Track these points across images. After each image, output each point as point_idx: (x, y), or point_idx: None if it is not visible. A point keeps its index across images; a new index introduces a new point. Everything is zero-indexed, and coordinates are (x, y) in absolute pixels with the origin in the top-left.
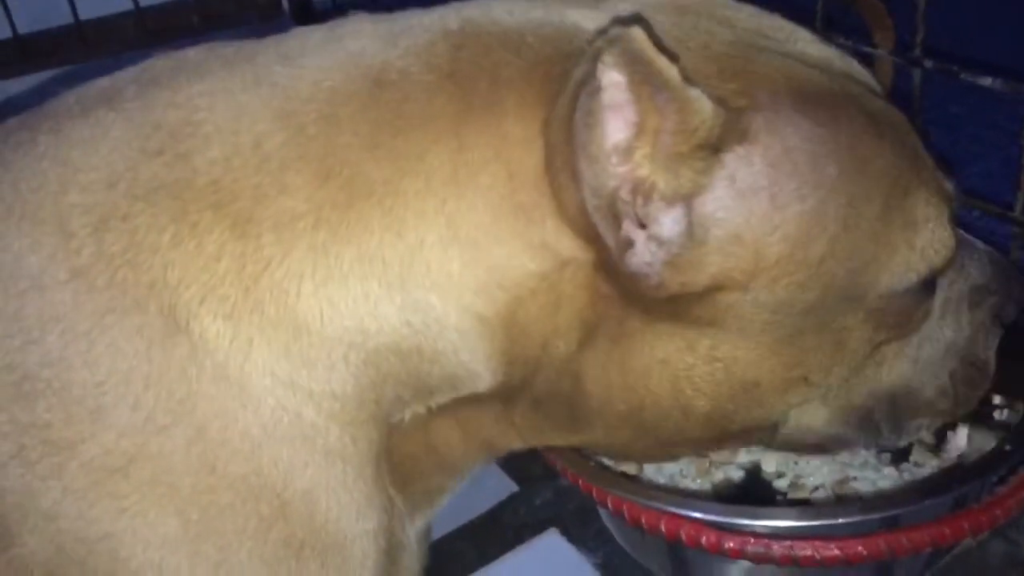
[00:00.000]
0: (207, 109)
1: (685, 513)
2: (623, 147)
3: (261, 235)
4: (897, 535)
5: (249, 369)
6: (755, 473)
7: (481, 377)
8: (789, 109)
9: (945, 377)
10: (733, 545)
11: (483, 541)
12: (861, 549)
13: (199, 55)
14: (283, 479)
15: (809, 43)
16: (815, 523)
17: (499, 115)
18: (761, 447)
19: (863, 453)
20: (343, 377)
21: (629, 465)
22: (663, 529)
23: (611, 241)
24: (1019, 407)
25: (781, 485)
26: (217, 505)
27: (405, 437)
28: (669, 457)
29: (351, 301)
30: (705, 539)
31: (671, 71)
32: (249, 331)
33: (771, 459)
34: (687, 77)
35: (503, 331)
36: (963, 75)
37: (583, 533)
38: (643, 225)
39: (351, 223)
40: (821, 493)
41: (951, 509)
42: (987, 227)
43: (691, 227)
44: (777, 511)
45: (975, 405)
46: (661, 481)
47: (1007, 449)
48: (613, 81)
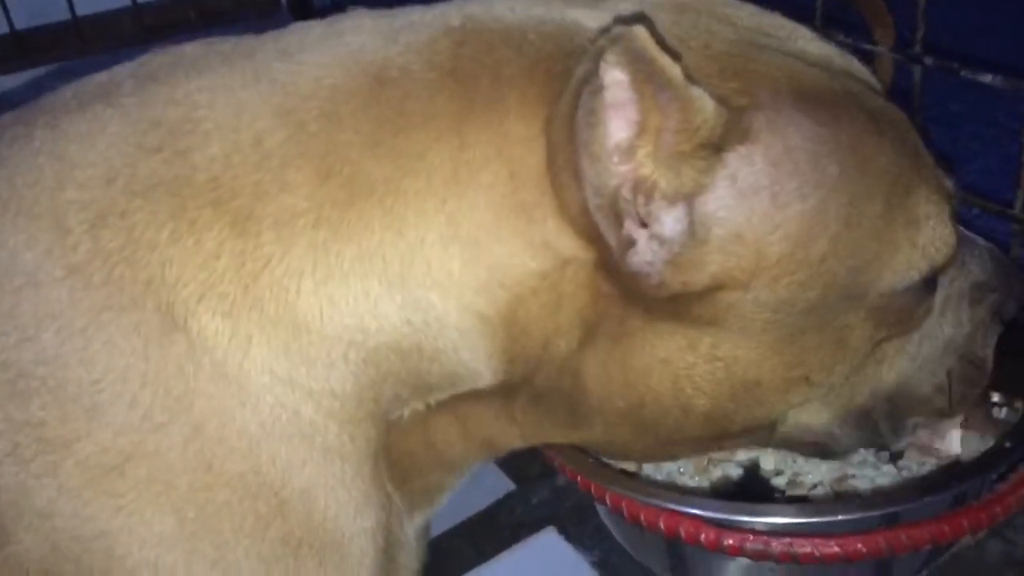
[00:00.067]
0: (207, 106)
1: (684, 510)
2: (625, 146)
3: (261, 233)
4: (896, 532)
5: (248, 367)
6: (753, 471)
7: (481, 375)
8: (790, 108)
9: (943, 375)
10: (732, 542)
11: (480, 539)
12: (860, 546)
13: (197, 51)
14: (281, 477)
15: (809, 41)
16: (815, 520)
17: (501, 113)
18: (759, 446)
19: (862, 451)
20: (343, 375)
21: (628, 462)
22: (662, 526)
23: (613, 240)
24: (1018, 405)
25: (779, 483)
26: (214, 503)
27: (404, 434)
28: (669, 456)
29: (351, 299)
30: (704, 536)
31: (673, 70)
32: (248, 329)
33: (769, 457)
34: (689, 76)
35: (504, 330)
36: (963, 72)
37: (580, 531)
38: (645, 224)
39: (351, 221)
40: (820, 491)
41: (950, 507)
42: (987, 225)
43: (692, 226)
44: (777, 508)
45: (971, 403)
46: (659, 478)
47: (1007, 447)
48: (615, 79)
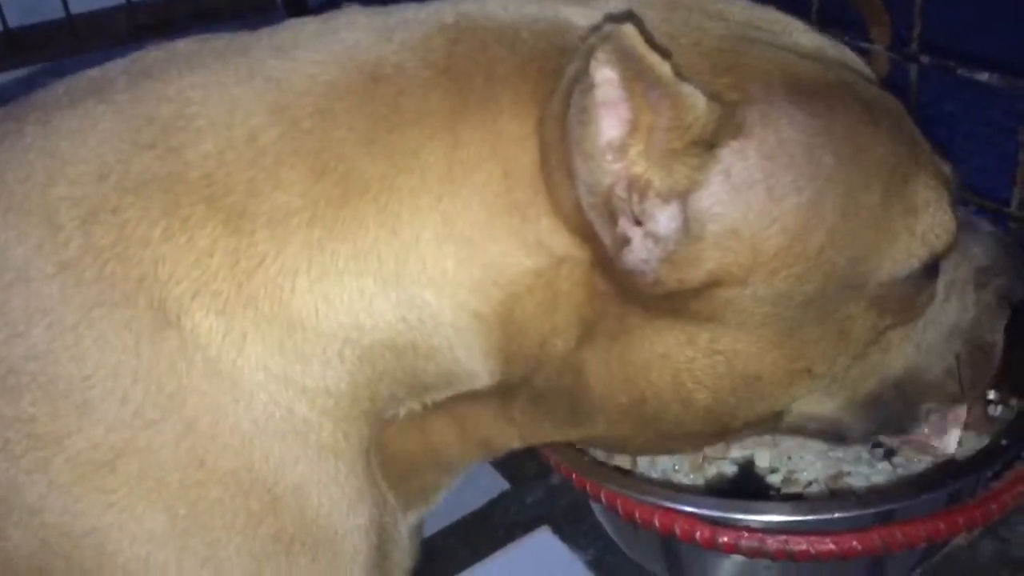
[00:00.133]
0: (200, 102)
1: (679, 508)
2: (617, 144)
3: (255, 231)
4: (892, 530)
5: (242, 364)
6: (748, 468)
7: (478, 375)
8: (783, 101)
9: (951, 359)
10: (727, 539)
11: (475, 539)
12: (856, 544)
13: (191, 47)
14: (274, 474)
15: (802, 33)
16: (811, 518)
17: (494, 112)
18: (766, 434)
19: (857, 448)
20: (338, 373)
21: (623, 460)
22: (657, 524)
23: (607, 239)
24: (1013, 403)
25: (774, 480)
26: (206, 500)
27: (401, 434)
28: (670, 450)
29: (346, 297)
30: (699, 533)
31: (663, 68)
32: (243, 326)
33: (764, 454)
34: (679, 73)
35: (499, 328)
36: (960, 71)
37: (574, 531)
38: (639, 222)
39: (346, 219)
40: (815, 488)
41: (946, 504)
42: None
43: (687, 223)
44: (772, 506)
45: (982, 388)
46: (655, 476)
47: (1002, 444)
48: (606, 78)
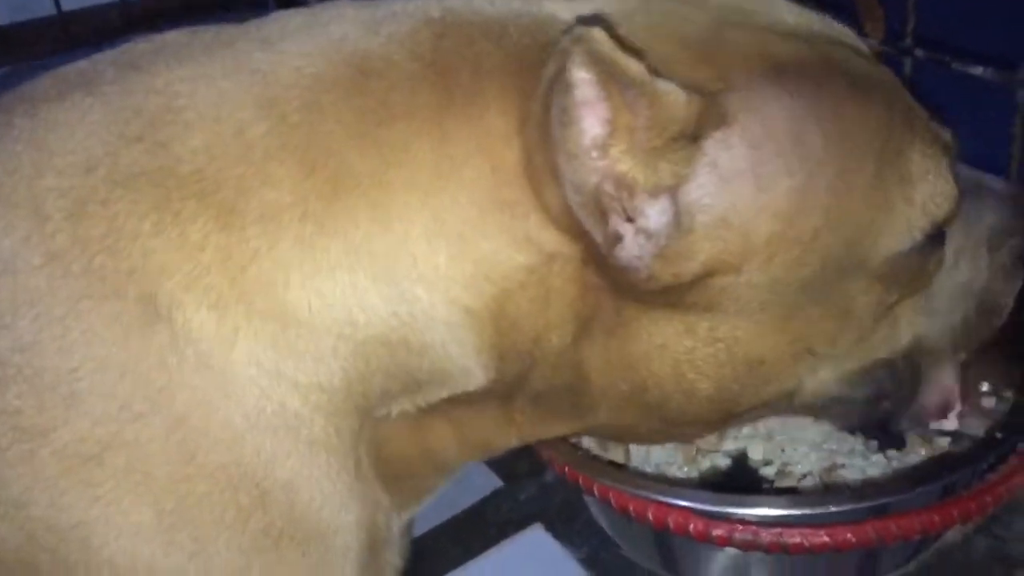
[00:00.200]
0: (187, 95)
1: (673, 501)
2: (600, 143)
3: (246, 227)
4: (886, 522)
5: (234, 359)
6: (742, 461)
7: (472, 373)
8: (765, 85)
9: (958, 319)
10: (721, 533)
11: (467, 537)
12: (850, 536)
13: (179, 39)
14: (264, 469)
15: (786, 11)
16: (807, 512)
17: (481, 107)
18: (777, 414)
19: (851, 440)
20: (331, 368)
21: (617, 454)
22: (651, 517)
23: (599, 236)
24: (1008, 395)
25: (768, 473)
26: (194, 494)
27: (399, 437)
28: (675, 438)
29: (339, 293)
30: (693, 527)
31: (637, 68)
32: (235, 321)
33: (758, 447)
34: (654, 70)
35: (492, 324)
36: (954, 64)
37: (568, 528)
38: (630, 219)
39: (337, 215)
40: (809, 481)
41: (940, 498)
42: None
43: (678, 217)
44: (768, 499)
45: (981, 344)
46: (648, 470)
47: (996, 437)
48: (582, 79)
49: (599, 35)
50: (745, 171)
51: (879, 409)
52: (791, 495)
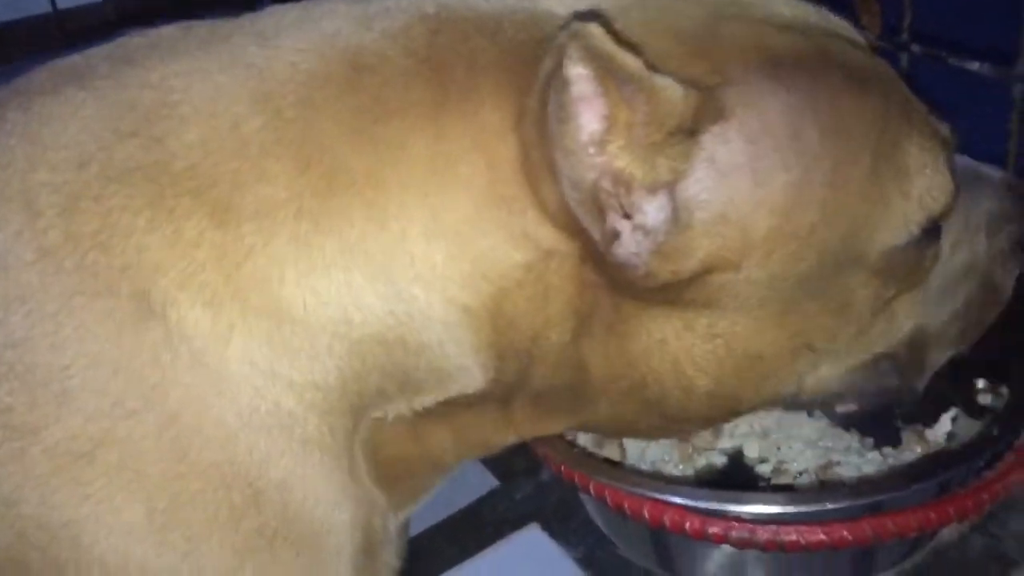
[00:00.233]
0: (182, 90)
1: (669, 499)
2: (597, 139)
3: (241, 224)
4: (883, 519)
5: (228, 357)
6: (738, 459)
7: (470, 372)
8: (762, 79)
9: (958, 305)
10: (717, 530)
11: (464, 537)
12: (847, 534)
13: (174, 33)
14: (257, 468)
15: (783, 3)
16: (803, 509)
17: (476, 103)
18: (778, 408)
19: (847, 438)
20: (326, 367)
21: (612, 451)
22: (647, 515)
23: (596, 233)
24: (1003, 391)
25: (764, 471)
26: (187, 493)
27: (397, 440)
28: (673, 434)
29: (335, 291)
30: (689, 524)
31: (634, 64)
32: (230, 319)
33: (754, 445)
34: (651, 65)
35: (490, 323)
36: (950, 59)
37: (564, 528)
38: (628, 215)
39: (332, 213)
40: (804, 479)
41: (936, 495)
42: None
43: (676, 213)
44: (765, 497)
45: (982, 330)
46: (644, 467)
47: (993, 434)
48: (579, 75)
49: (596, 30)
50: (743, 166)
51: (883, 401)
52: (787, 492)
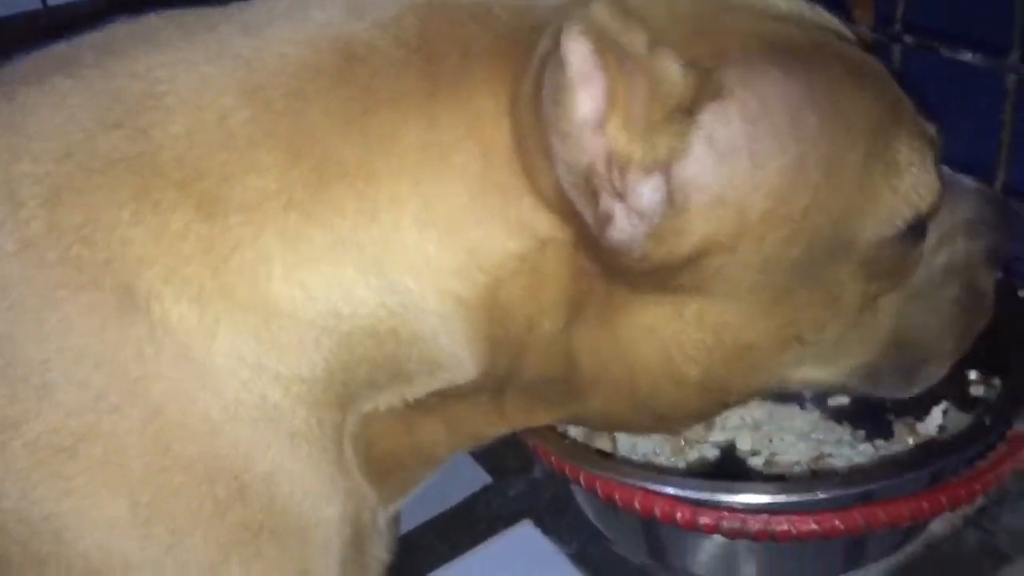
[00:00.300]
0: (168, 80)
1: (660, 489)
2: (594, 119)
3: (228, 216)
4: (874, 509)
5: (214, 351)
6: (730, 451)
7: (462, 362)
8: (762, 62)
9: (947, 313)
10: (708, 520)
11: (456, 533)
12: (838, 523)
13: (160, 22)
14: (243, 461)
15: None
16: (794, 498)
17: (469, 90)
18: (767, 397)
19: (839, 430)
20: (313, 360)
21: (604, 443)
22: (637, 506)
23: (590, 217)
24: (995, 383)
25: (756, 463)
26: (171, 486)
27: (388, 434)
28: (664, 428)
29: (324, 285)
30: (680, 515)
31: (637, 38)
32: (216, 313)
33: (746, 437)
34: (654, 42)
35: (484, 313)
36: (943, 50)
37: (557, 524)
38: (622, 197)
39: (323, 205)
40: (796, 471)
41: (928, 485)
42: None
43: (671, 195)
44: (756, 486)
45: (974, 337)
46: (635, 459)
47: (985, 424)
48: (578, 53)
49: (601, 4)
50: (741, 147)
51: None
52: (778, 482)
